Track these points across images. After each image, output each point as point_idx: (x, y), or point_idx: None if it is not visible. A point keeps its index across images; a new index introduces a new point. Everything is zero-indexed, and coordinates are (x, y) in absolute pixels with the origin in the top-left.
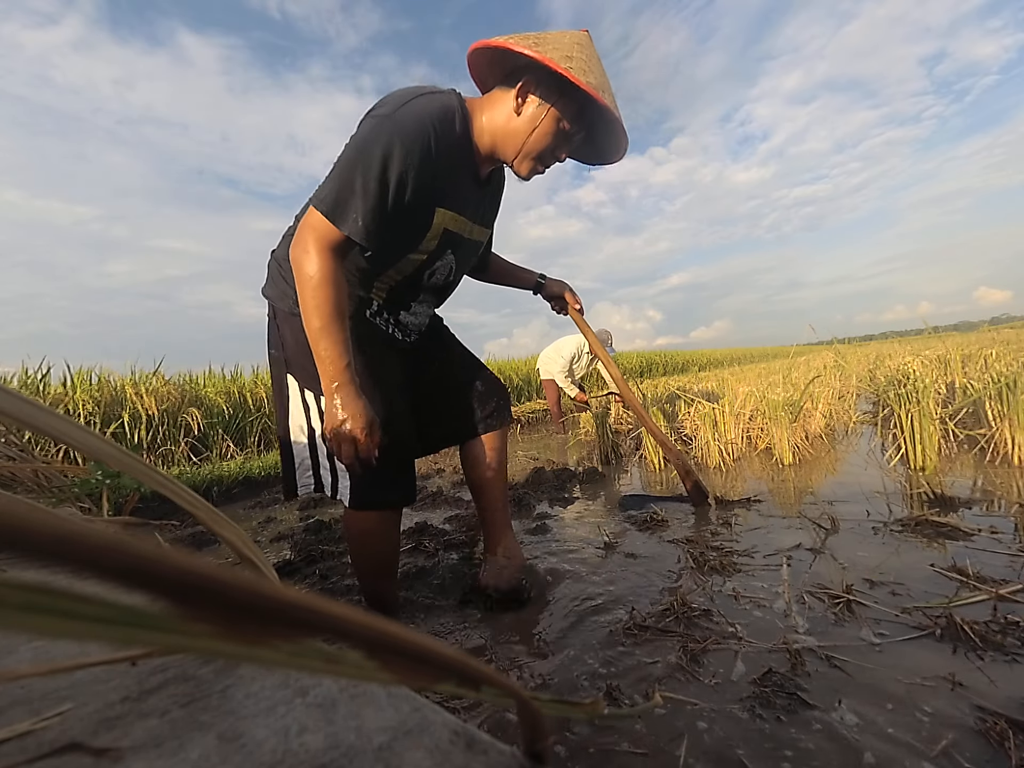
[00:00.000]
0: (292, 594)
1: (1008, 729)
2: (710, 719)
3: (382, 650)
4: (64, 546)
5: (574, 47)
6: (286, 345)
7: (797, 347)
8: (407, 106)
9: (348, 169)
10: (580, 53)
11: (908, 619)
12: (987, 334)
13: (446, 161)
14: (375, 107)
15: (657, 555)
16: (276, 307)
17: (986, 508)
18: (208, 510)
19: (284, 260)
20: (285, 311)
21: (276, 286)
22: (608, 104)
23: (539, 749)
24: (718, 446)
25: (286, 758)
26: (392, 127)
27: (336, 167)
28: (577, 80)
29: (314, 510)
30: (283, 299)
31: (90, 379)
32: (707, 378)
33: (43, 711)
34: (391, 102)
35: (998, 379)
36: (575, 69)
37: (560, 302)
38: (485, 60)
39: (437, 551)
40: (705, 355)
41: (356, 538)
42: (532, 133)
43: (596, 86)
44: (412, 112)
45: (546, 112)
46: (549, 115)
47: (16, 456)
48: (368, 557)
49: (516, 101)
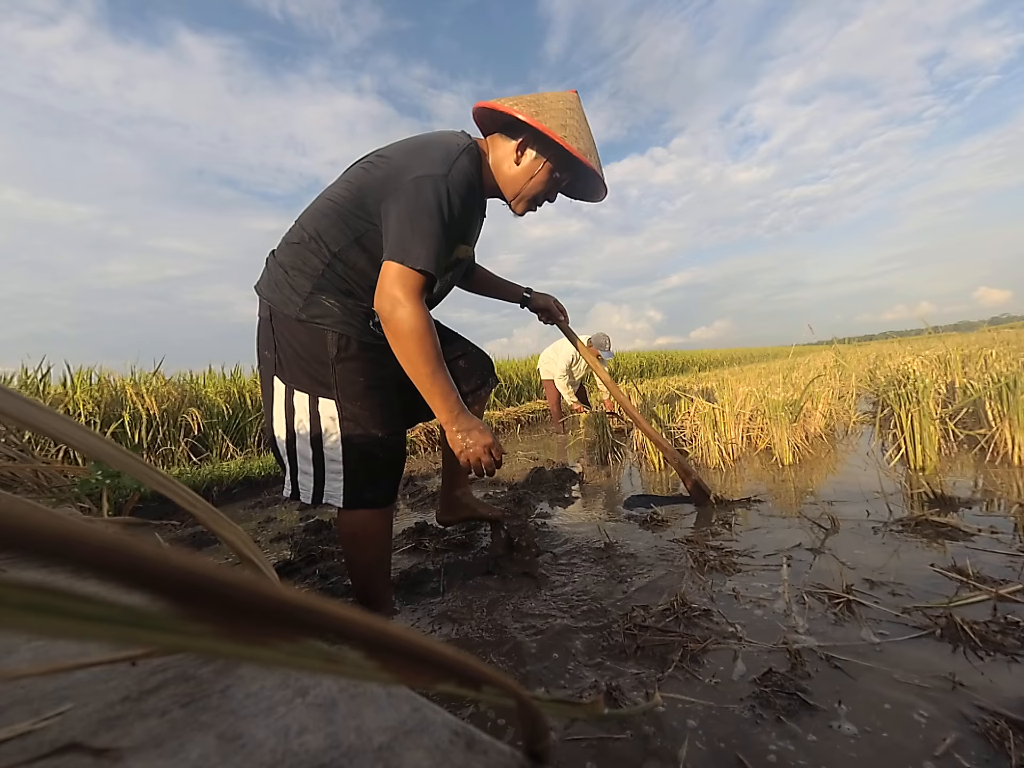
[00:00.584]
0: (292, 594)
1: (1008, 729)
2: (710, 719)
3: (382, 650)
4: (64, 546)
5: (567, 113)
6: (280, 347)
7: (797, 347)
8: (456, 165)
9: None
10: (572, 119)
11: (908, 619)
12: (987, 334)
13: (475, 205)
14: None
15: (657, 555)
16: (275, 310)
17: (986, 508)
18: (208, 510)
19: (291, 268)
20: (284, 315)
21: (280, 291)
22: (593, 167)
23: (539, 749)
24: (718, 446)
25: (286, 758)
26: (450, 186)
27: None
28: (570, 148)
29: (314, 510)
30: (286, 305)
31: (90, 379)
32: (707, 378)
33: (43, 711)
34: (440, 160)
35: (998, 379)
36: (568, 137)
37: (547, 314)
38: (487, 111)
39: (437, 551)
40: (705, 355)
41: (350, 537)
42: (529, 181)
43: (585, 151)
44: (461, 171)
45: (541, 165)
46: (544, 168)
47: (16, 456)
48: (362, 556)
49: (516, 153)
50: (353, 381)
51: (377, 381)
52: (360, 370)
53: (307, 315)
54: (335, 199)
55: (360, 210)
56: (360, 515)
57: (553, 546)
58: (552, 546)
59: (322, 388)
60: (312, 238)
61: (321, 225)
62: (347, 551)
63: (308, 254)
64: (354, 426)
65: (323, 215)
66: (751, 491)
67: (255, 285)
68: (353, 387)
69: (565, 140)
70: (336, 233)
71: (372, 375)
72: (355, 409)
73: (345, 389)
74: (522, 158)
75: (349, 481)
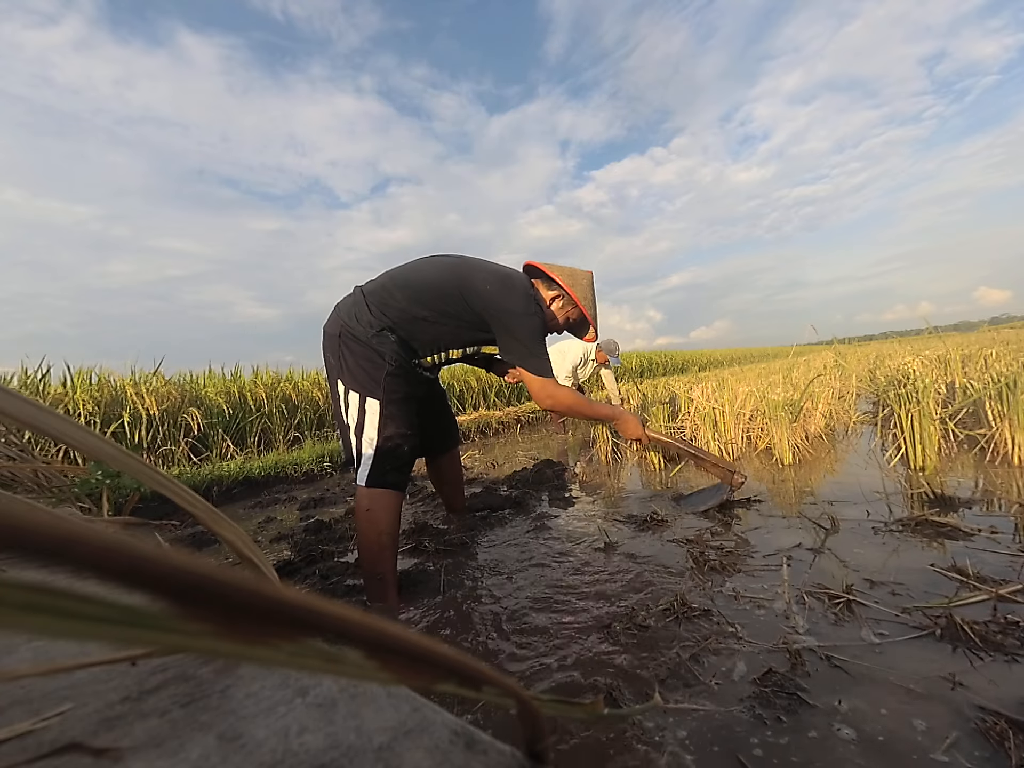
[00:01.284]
0: (292, 594)
1: (1008, 729)
2: (710, 719)
3: (382, 650)
4: (64, 546)
5: (588, 288)
6: (344, 357)
7: (797, 347)
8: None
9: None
10: (590, 292)
11: (908, 619)
12: (987, 334)
13: None
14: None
15: (657, 555)
16: (346, 330)
17: (986, 508)
18: (208, 510)
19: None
20: (354, 336)
21: (358, 320)
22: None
23: (539, 749)
24: (718, 446)
25: (286, 758)
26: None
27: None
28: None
29: (314, 510)
30: (359, 330)
31: (90, 379)
32: (707, 378)
33: (43, 711)
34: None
35: (998, 379)
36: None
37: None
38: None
39: (437, 551)
40: (705, 355)
41: (365, 511)
42: (553, 319)
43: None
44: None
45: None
46: (563, 313)
47: (16, 456)
48: (374, 528)
49: (550, 300)
50: (395, 390)
51: (409, 395)
52: (400, 385)
53: (375, 341)
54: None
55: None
56: (378, 494)
57: (553, 546)
58: (552, 546)
59: (372, 391)
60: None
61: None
62: (359, 526)
63: (393, 309)
64: (390, 422)
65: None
66: (751, 491)
67: (337, 304)
68: (395, 395)
69: (584, 306)
70: (427, 306)
71: (407, 391)
72: (394, 410)
73: (390, 395)
74: (553, 304)
75: (377, 464)
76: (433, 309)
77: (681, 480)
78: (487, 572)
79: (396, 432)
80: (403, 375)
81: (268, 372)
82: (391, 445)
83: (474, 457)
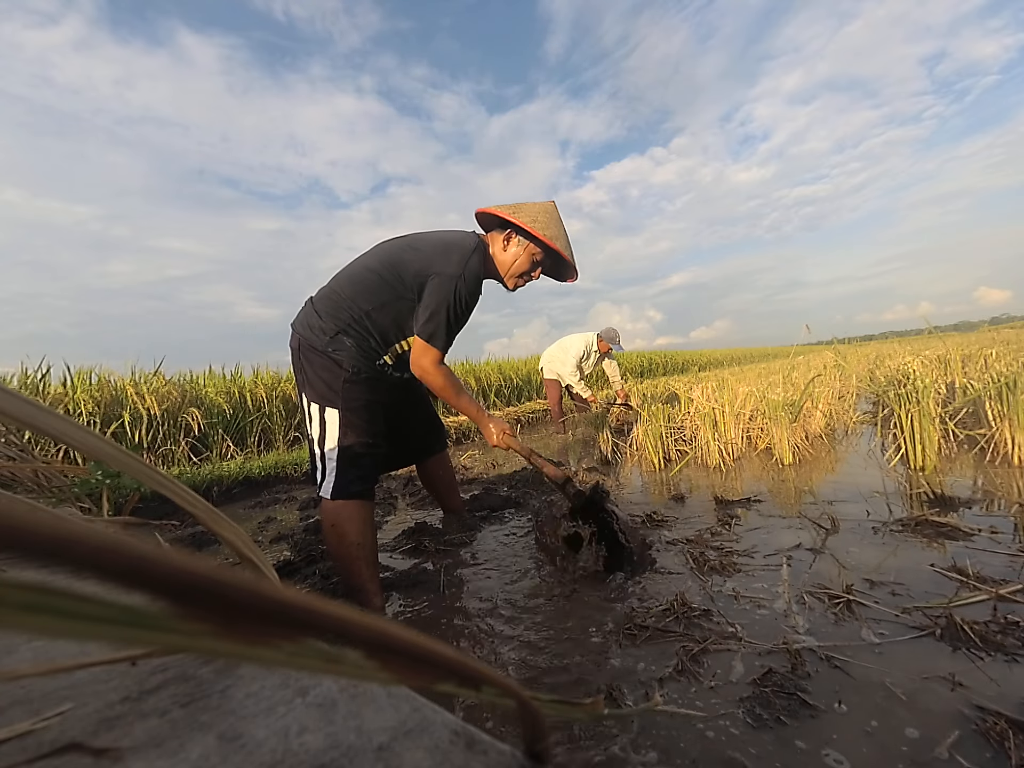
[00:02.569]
0: (292, 594)
1: (1008, 729)
2: (710, 719)
3: (382, 650)
4: (64, 546)
5: (540, 213)
6: (304, 369)
7: (797, 347)
8: (468, 265)
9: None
10: (543, 216)
11: (908, 619)
12: (987, 334)
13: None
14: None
15: (657, 554)
16: (303, 342)
17: (986, 508)
18: (208, 510)
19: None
20: (310, 346)
21: (311, 330)
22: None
23: (539, 749)
24: (718, 446)
25: (286, 758)
26: (463, 285)
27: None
28: (537, 234)
29: (314, 510)
30: (314, 339)
31: (90, 379)
32: (707, 378)
33: (43, 711)
34: (456, 261)
35: (998, 379)
36: (538, 226)
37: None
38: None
39: (437, 551)
40: (705, 355)
41: (330, 527)
42: (515, 263)
43: (552, 237)
44: (472, 270)
45: (523, 250)
46: (524, 251)
47: (16, 456)
48: (342, 543)
49: (504, 242)
50: (355, 398)
51: (371, 402)
52: (360, 392)
53: (331, 349)
54: (372, 271)
55: (398, 284)
56: (341, 506)
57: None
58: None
59: (330, 401)
60: (347, 298)
61: (357, 290)
62: (328, 540)
63: (343, 310)
64: (350, 431)
65: (359, 282)
66: (751, 491)
67: (291, 322)
68: (354, 402)
69: (534, 228)
70: (369, 297)
71: (368, 398)
72: (353, 418)
73: (348, 403)
74: (508, 246)
75: (340, 475)
76: (377, 298)
77: (681, 480)
78: (487, 572)
79: (357, 441)
80: (363, 381)
81: (268, 372)
82: (352, 454)
83: (474, 457)
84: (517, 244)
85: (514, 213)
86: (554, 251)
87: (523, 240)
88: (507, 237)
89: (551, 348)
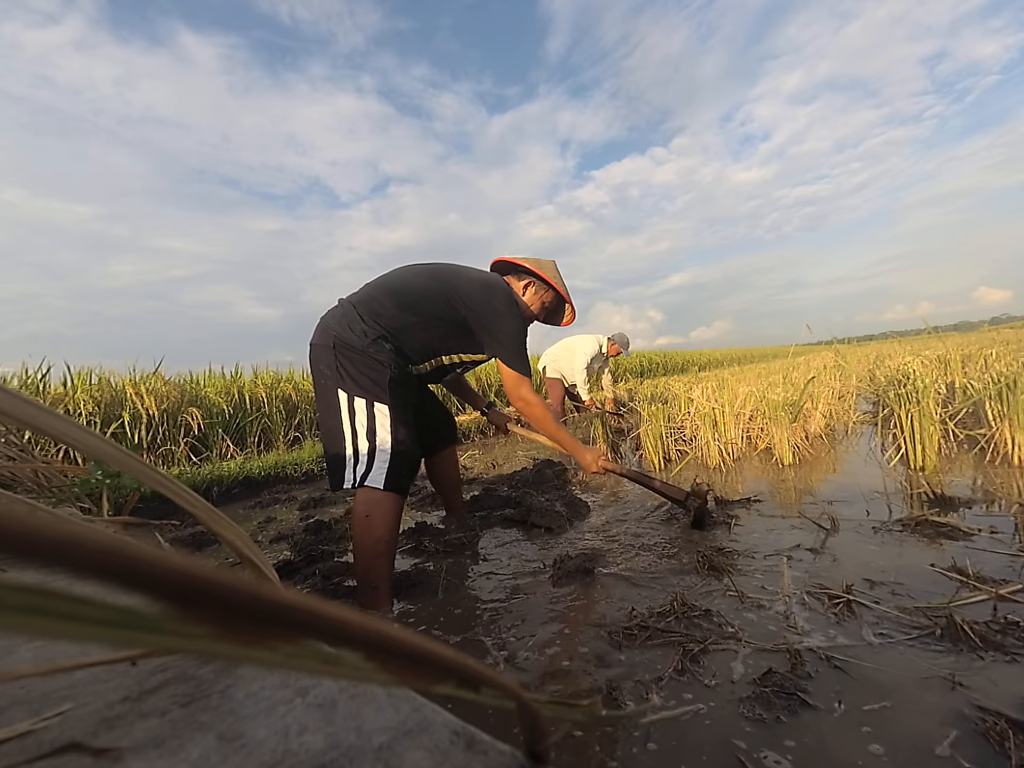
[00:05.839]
0: (292, 595)
1: (1008, 729)
2: (710, 720)
3: (381, 651)
4: (63, 547)
5: (555, 272)
6: (342, 366)
7: (797, 347)
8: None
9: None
10: (553, 271)
11: (908, 619)
12: (987, 334)
13: None
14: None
15: (657, 554)
16: (341, 340)
17: (986, 508)
18: (208, 510)
19: (367, 316)
20: (349, 345)
21: (351, 330)
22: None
23: (539, 749)
24: (718, 446)
25: (286, 758)
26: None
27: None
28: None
29: (314, 510)
30: (354, 339)
31: (90, 379)
32: (707, 378)
33: (43, 711)
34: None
35: (998, 379)
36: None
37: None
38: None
39: (438, 551)
40: (705, 355)
41: (363, 517)
42: (530, 306)
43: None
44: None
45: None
46: (539, 297)
47: (16, 456)
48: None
49: (523, 288)
50: (400, 396)
51: (409, 403)
52: (402, 392)
53: (372, 350)
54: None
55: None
56: (384, 497)
57: (553, 546)
58: (552, 546)
59: (378, 397)
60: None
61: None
62: (356, 532)
63: (384, 318)
64: (401, 427)
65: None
66: (751, 491)
67: (323, 317)
68: (400, 400)
69: (554, 280)
70: (409, 315)
71: (407, 398)
72: (402, 415)
73: (395, 399)
74: (526, 292)
75: (393, 468)
76: (422, 314)
77: (682, 480)
78: (487, 572)
79: (407, 436)
80: (403, 381)
81: (268, 372)
82: (403, 449)
83: (474, 457)
84: (535, 293)
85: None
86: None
87: (540, 288)
88: (528, 285)
89: (554, 348)
